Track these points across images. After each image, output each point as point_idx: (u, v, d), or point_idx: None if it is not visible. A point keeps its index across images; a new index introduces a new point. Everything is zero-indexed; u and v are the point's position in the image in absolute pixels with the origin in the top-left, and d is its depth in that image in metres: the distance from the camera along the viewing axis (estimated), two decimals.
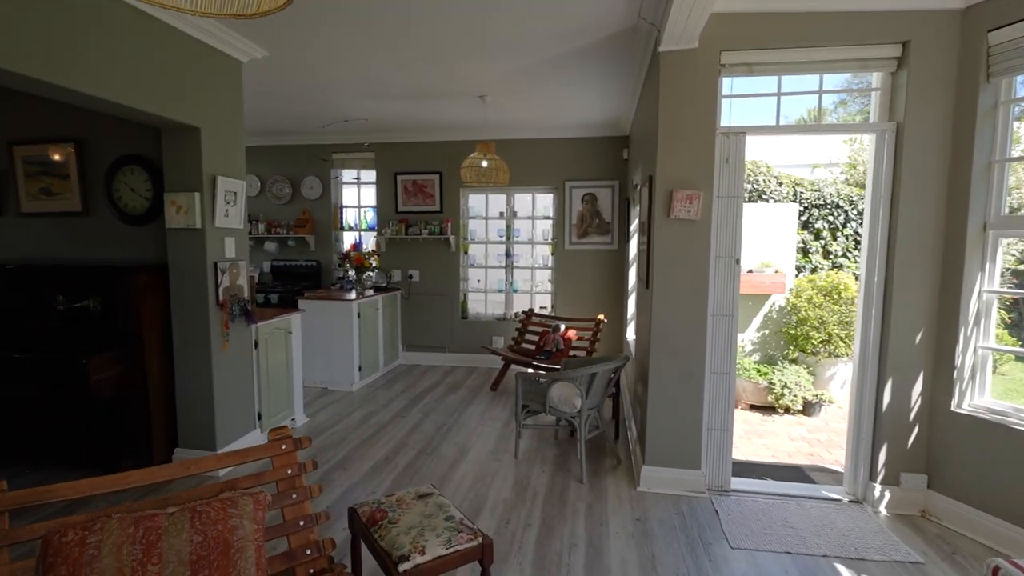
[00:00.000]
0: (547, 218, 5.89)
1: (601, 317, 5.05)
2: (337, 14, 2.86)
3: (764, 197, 5.95)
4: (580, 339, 5.13)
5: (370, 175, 6.16)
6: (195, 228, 3.07)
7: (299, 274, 6.16)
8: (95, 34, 2.40)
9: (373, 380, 5.36)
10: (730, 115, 2.90)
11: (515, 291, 5.98)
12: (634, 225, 4.84)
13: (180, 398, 3.23)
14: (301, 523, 1.84)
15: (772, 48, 2.77)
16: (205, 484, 1.80)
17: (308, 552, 1.80)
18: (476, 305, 6.15)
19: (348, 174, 6.33)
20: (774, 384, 4.88)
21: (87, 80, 2.38)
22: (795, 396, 4.83)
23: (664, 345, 2.97)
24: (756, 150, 7.87)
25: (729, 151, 2.87)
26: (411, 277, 6.05)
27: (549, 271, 5.94)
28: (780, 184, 6.07)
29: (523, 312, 5.56)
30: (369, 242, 6.24)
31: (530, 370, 4.73)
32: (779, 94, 2.91)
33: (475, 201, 6.05)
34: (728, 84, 2.90)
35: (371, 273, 5.90)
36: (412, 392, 4.98)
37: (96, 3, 2.39)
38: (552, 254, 5.88)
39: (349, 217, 6.33)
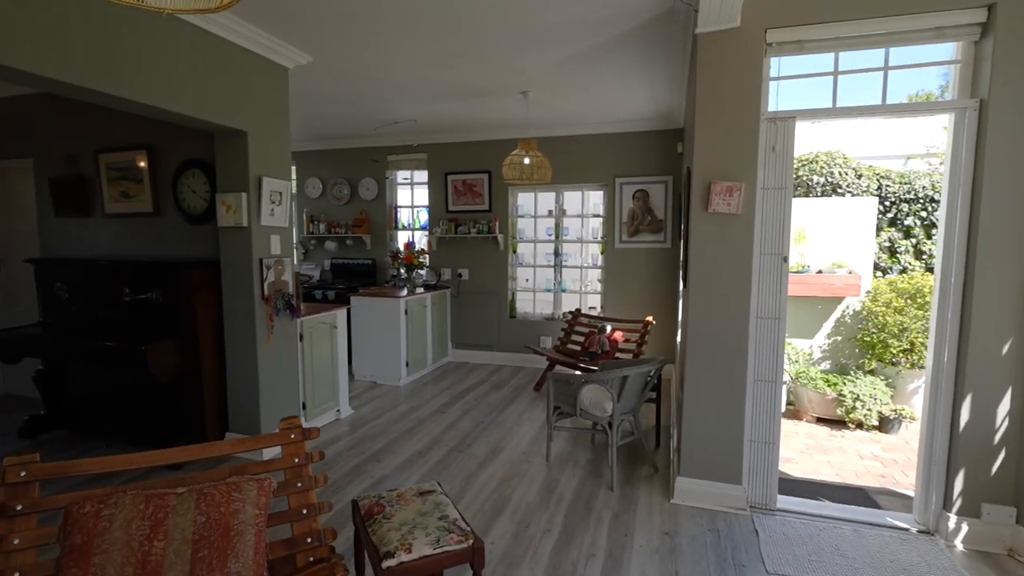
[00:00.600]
0: (597, 216, 5.73)
1: (649, 319, 4.83)
2: (374, 18, 2.92)
3: (840, 191, 5.44)
4: (627, 341, 4.94)
5: (423, 176, 6.28)
6: (242, 226, 3.26)
7: (356, 272, 6.41)
8: (152, 48, 2.60)
9: (421, 376, 5.46)
10: (777, 99, 2.65)
11: (563, 291, 5.87)
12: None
13: (230, 386, 3.44)
14: (304, 511, 1.87)
15: (827, 22, 2.50)
16: (222, 466, 1.87)
17: (309, 540, 1.83)
18: (524, 304, 6.10)
19: (402, 175, 6.50)
20: (844, 396, 4.44)
21: (145, 91, 2.59)
22: (869, 410, 4.37)
23: (701, 348, 2.77)
24: (833, 140, 7.24)
25: (776, 138, 2.63)
26: (460, 276, 6.11)
27: (599, 270, 5.78)
28: (859, 177, 5.53)
29: (570, 312, 5.44)
30: (421, 241, 6.37)
31: (577, 372, 4.61)
32: (836, 73, 2.62)
33: (524, 200, 6.01)
34: (775, 65, 2.66)
35: (421, 271, 6.02)
36: (456, 389, 5.02)
37: (153, 21, 2.59)
38: (602, 253, 5.72)
39: (403, 217, 6.50)
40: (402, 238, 6.49)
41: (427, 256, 5.82)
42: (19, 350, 3.42)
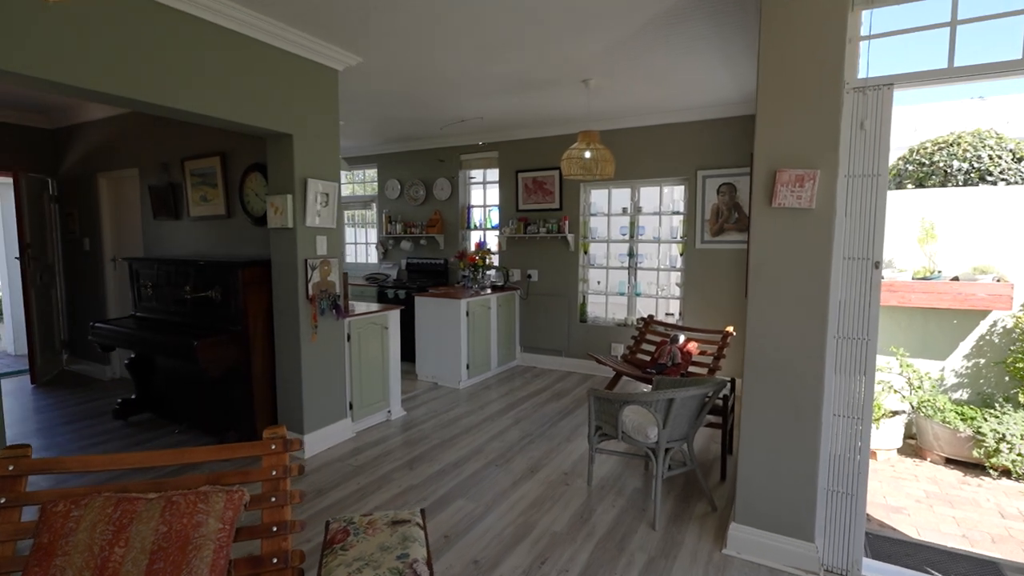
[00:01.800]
0: (676, 213, 5.19)
1: (729, 329, 4.25)
2: (419, 12, 2.80)
3: (990, 178, 4.39)
4: (703, 354, 4.39)
5: (495, 175, 6.15)
6: (287, 227, 3.32)
7: (430, 271, 6.46)
8: (194, 56, 2.70)
9: (484, 379, 5.34)
10: (867, 63, 2.09)
11: (638, 295, 5.41)
12: None
13: (279, 382, 3.54)
14: (275, 528, 1.77)
15: None
16: (200, 472, 1.82)
17: (275, 561, 1.72)
18: (596, 308, 5.72)
19: (475, 175, 6.43)
20: (984, 435, 3.56)
21: (189, 100, 2.70)
22: (1020, 455, 3.45)
23: (762, 374, 2.29)
24: (984, 117, 5.98)
25: (867, 112, 2.07)
26: (530, 277, 5.89)
27: (677, 273, 5.24)
28: (1019, 160, 4.43)
29: (642, 318, 4.98)
30: (493, 241, 6.25)
31: (646, 387, 4.18)
32: (953, 23, 2.00)
33: (597, 197, 5.62)
34: (865, 20, 2.10)
35: (490, 272, 5.89)
36: (515, 396, 4.82)
37: (197, 27, 2.69)
38: (681, 254, 5.17)
39: (475, 217, 6.43)
40: (474, 238, 6.42)
41: (493, 256, 5.67)
42: (108, 340, 3.81)
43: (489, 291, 5.54)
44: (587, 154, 4.03)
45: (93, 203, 5.19)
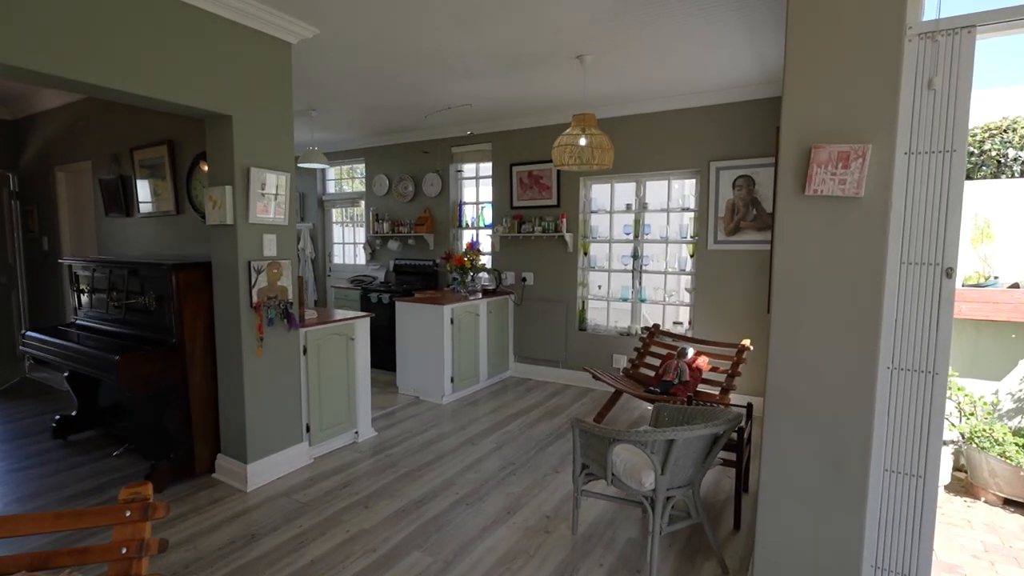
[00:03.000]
0: (687, 210, 4.64)
1: (746, 343, 3.70)
2: None
3: None
4: (714, 370, 3.85)
5: (489, 169, 5.65)
6: (227, 224, 2.86)
7: (418, 273, 5.99)
8: (115, 26, 2.24)
9: (471, 393, 4.84)
10: (939, 1, 1.55)
11: (643, 301, 4.87)
12: None
13: (221, 403, 3.09)
14: None
15: None
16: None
17: None
18: (596, 315, 5.19)
19: (467, 169, 5.93)
20: None
21: (107, 75, 2.25)
22: None
23: (787, 411, 1.76)
24: None
25: (937, 66, 1.53)
26: (524, 280, 5.38)
27: (687, 277, 4.69)
28: None
29: (646, 328, 4.44)
30: (486, 241, 5.75)
31: (650, 407, 3.65)
32: None
33: (598, 192, 5.10)
34: None
35: (483, 275, 5.40)
36: (503, 413, 4.31)
37: None
38: (692, 256, 4.62)
39: (467, 214, 5.93)
40: (466, 237, 5.93)
41: (483, 258, 5.17)
42: (39, 352, 3.39)
43: (479, 296, 5.04)
44: (582, 141, 3.51)
45: (51, 199, 4.81)
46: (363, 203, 6.58)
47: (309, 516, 2.69)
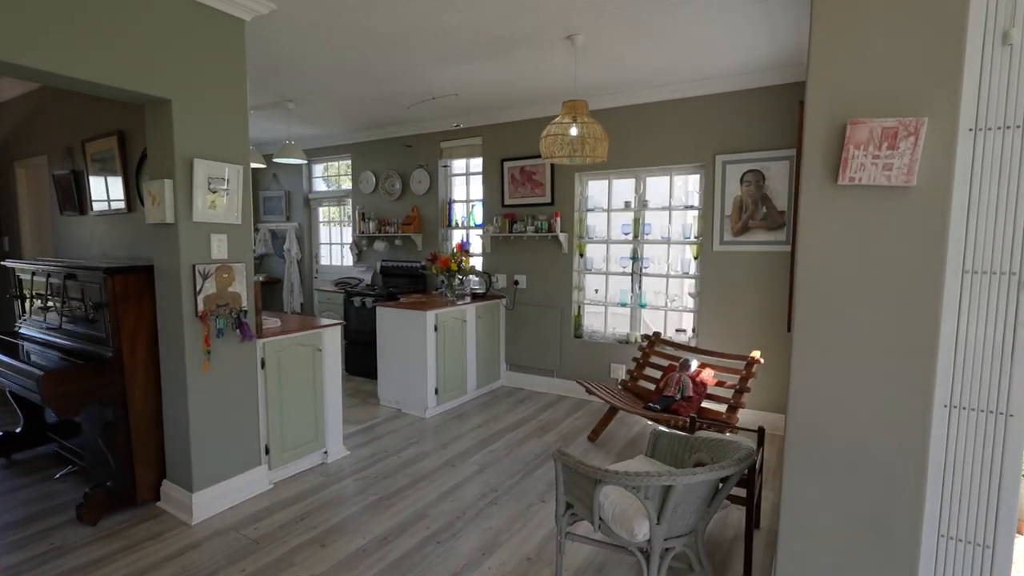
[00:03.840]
0: (690, 208, 4.28)
1: (755, 355, 3.34)
2: None
3: None
4: (721, 385, 3.49)
5: (480, 165, 5.31)
6: (167, 223, 2.53)
7: (406, 276, 5.65)
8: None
9: (457, 405, 4.49)
10: None
11: (643, 306, 4.51)
12: None
13: (166, 424, 2.76)
14: None
15: None
16: None
17: None
18: (593, 321, 4.84)
19: (458, 166, 5.59)
20: None
21: (34, 54, 1.93)
22: None
23: (811, 458, 1.41)
24: None
25: (1016, 12, 1.17)
26: (516, 283, 5.03)
27: (691, 281, 4.32)
28: None
29: (646, 336, 4.09)
30: (476, 241, 5.41)
31: (650, 424, 3.30)
32: None
33: (594, 189, 4.74)
34: None
35: (472, 277, 5.05)
36: (490, 428, 3.96)
37: None
38: (695, 258, 4.25)
39: (458, 213, 5.59)
40: (456, 237, 5.58)
41: (473, 259, 4.82)
42: None
43: (468, 300, 4.70)
44: (573, 131, 3.16)
45: (11, 197, 4.50)
46: (350, 201, 6.25)
47: (256, 556, 2.35)
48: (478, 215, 5.38)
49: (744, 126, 3.89)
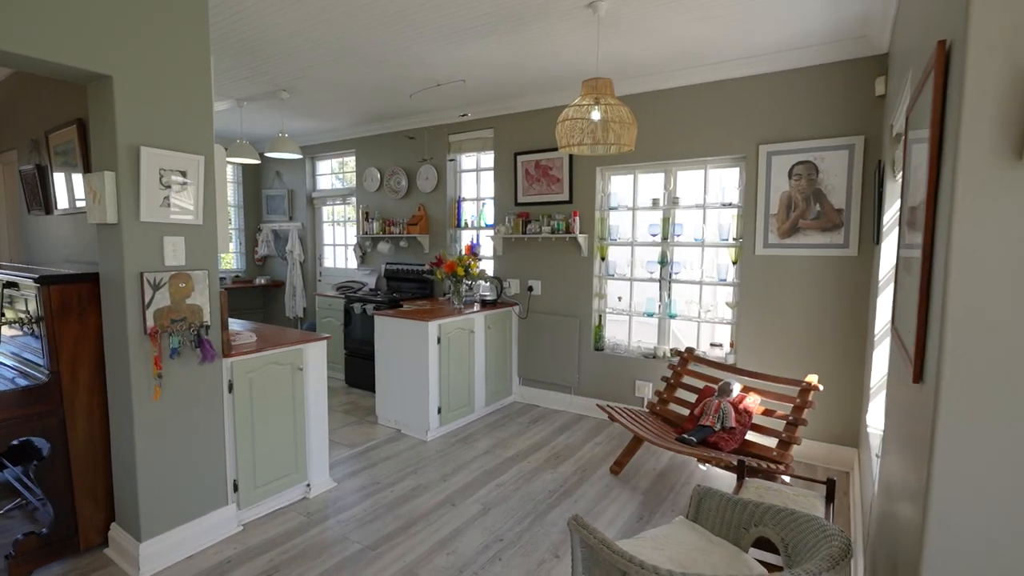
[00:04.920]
0: (728, 206, 3.75)
1: (812, 381, 2.82)
2: None
3: None
4: (769, 414, 2.97)
5: (491, 160, 4.85)
6: (109, 223, 2.13)
7: (411, 280, 5.23)
8: None
9: (463, 426, 4.04)
10: None
11: (672, 317, 3.99)
12: (892, 211, 2.50)
13: (114, 460, 2.36)
14: None
15: None
16: None
17: None
18: (616, 332, 4.34)
19: (468, 161, 5.14)
20: None
21: None
22: None
23: None
24: None
25: None
26: (530, 289, 4.56)
27: (728, 289, 3.80)
28: None
29: (678, 351, 3.58)
30: (488, 243, 4.96)
31: (684, 455, 2.80)
32: None
33: (618, 185, 4.24)
34: None
35: (483, 283, 4.60)
36: (498, 455, 3.50)
37: None
38: (734, 263, 3.73)
39: (467, 212, 5.14)
40: (465, 239, 5.14)
41: (483, 263, 4.36)
42: None
43: (476, 308, 4.25)
44: (595, 114, 2.68)
45: None
46: (354, 200, 5.86)
47: None
48: (489, 215, 4.93)
49: (793, 111, 3.36)
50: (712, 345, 3.86)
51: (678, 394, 3.42)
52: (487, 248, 4.92)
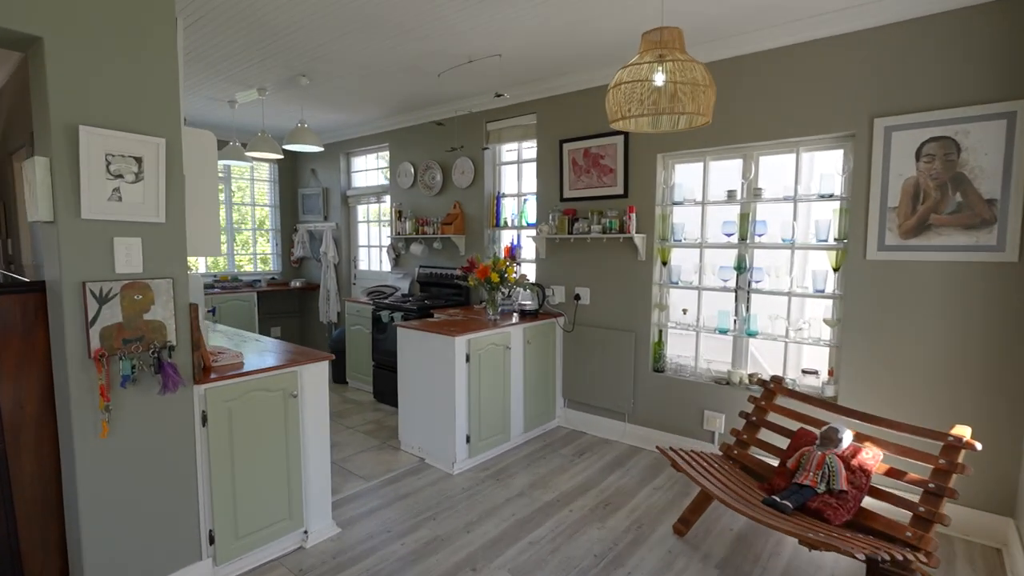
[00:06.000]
0: (828, 197, 2.99)
1: (963, 434, 2.06)
2: None
3: None
4: (892, 474, 2.22)
5: (534, 150, 4.27)
6: (45, 221, 1.73)
7: (445, 285, 4.74)
8: None
9: (497, 456, 3.49)
10: None
11: (752, 334, 3.26)
12: None
13: (65, 507, 1.97)
14: None
15: None
16: None
17: None
18: (680, 349, 3.65)
19: (508, 153, 4.59)
20: None
21: None
22: None
23: None
24: None
25: None
26: (577, 298, 3.95)
27: (827, 302, 3.03)
28: None
29: (761, 379, 2.87)
30: (529, 245, 4.39)
31: (769, 524, 2.13)
32: None
33: (684, 175, 3.55)
34: None
35: (522, 290, 4.04)
36: (535, 499, 2.92)
37: None
38: (835, 269, 2.97)
39: (507, 209, 4.59)
40: (506, 239, 4.59)
41: (516, 267, 3.79)
42: None
43: (514, 320, 3.69)
44: (658, 78, 2.04)
45: (11, 195, 4.06)
46: (388, 198, 5.45)
47: None
48: (532, 213, 4.35)
49: (923, 72, 2.57)
50: (804, 372, 3.10)
51: (762, 434, 2.71)
52: (529, 250, 4.35)
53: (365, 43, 3.17)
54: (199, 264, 5.62)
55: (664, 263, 3.60)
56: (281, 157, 4.36)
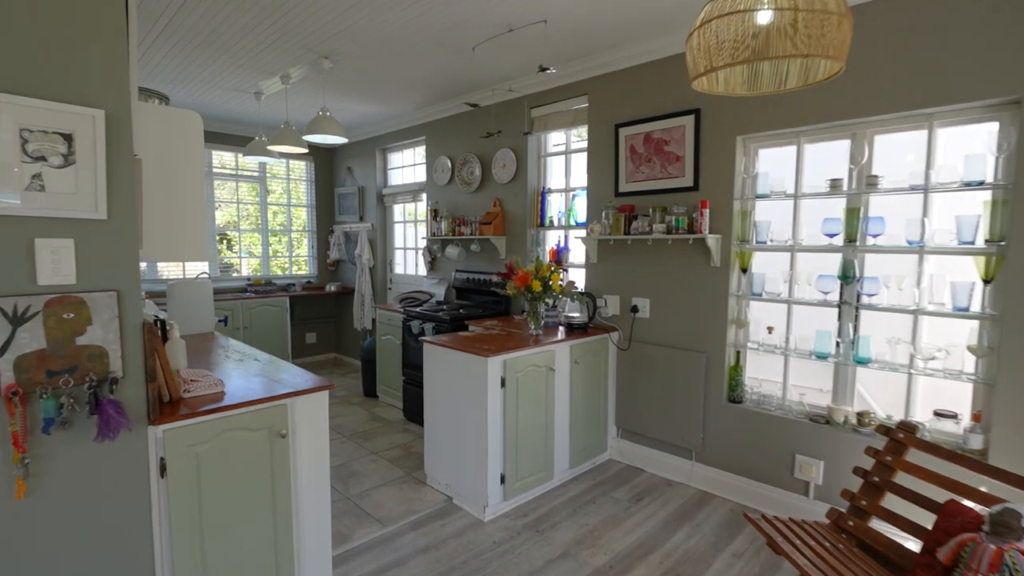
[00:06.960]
0: (975, 185, 2.26)
1: None
2: None
3: None
4: None
5: (585, 138, 3.71)
6: None
7: (484, 292, 4.24)
8: None
9: (537, 498, 2.95)
10: None
11: (861, 361, 2.55)
12: None
13: None
14: None
15: None
16: None
17: None
18: (762, 373, 2.98)
19: (555, 142, 4.03)
20: None
21: None
22: None
23: None
24: None
25: None
26: (635, 310, 3.34)
27: (973, 323, 2.30)
28: None
29: (883, 427, 2.18)
30: (578, 248, 3.81)
31: None
32: None
33: (771, 160, 2.89)
34: None
35: (568, 300, 3.48)
36: (583, 564, 2.36)
37: None
38: (987, 280, 2.23)
39: (553, 207, 4.04)
40: (552, 241, 4.04)
41: (562, 274, 3.22)
42: None
43: (560, 335, 3.14)
44: (761, 16, 1.43)
45: None
46: (424, 196, 5.02)
47: None
48: (581, 211, 3.78)
49: None
50: (938, 415, 2.38)
51: (887, 499, 2.03)
52: (577, 253, 3.78)
53: (382, 12, 2.71)
54: (205, 268, 5.38)
55: (744, 270, 2.95)
56: (306, 151, 3.99)
